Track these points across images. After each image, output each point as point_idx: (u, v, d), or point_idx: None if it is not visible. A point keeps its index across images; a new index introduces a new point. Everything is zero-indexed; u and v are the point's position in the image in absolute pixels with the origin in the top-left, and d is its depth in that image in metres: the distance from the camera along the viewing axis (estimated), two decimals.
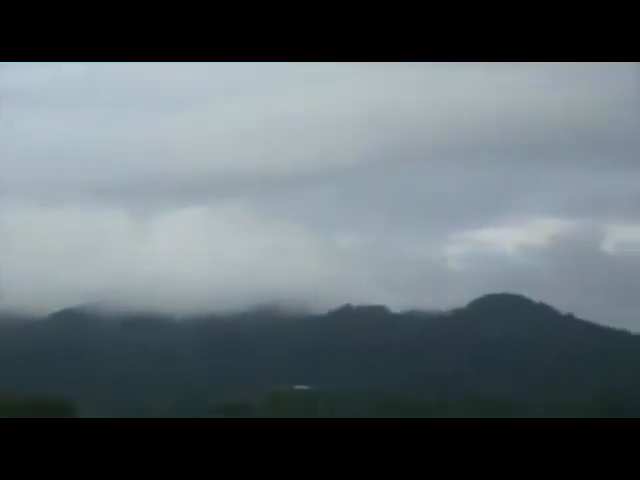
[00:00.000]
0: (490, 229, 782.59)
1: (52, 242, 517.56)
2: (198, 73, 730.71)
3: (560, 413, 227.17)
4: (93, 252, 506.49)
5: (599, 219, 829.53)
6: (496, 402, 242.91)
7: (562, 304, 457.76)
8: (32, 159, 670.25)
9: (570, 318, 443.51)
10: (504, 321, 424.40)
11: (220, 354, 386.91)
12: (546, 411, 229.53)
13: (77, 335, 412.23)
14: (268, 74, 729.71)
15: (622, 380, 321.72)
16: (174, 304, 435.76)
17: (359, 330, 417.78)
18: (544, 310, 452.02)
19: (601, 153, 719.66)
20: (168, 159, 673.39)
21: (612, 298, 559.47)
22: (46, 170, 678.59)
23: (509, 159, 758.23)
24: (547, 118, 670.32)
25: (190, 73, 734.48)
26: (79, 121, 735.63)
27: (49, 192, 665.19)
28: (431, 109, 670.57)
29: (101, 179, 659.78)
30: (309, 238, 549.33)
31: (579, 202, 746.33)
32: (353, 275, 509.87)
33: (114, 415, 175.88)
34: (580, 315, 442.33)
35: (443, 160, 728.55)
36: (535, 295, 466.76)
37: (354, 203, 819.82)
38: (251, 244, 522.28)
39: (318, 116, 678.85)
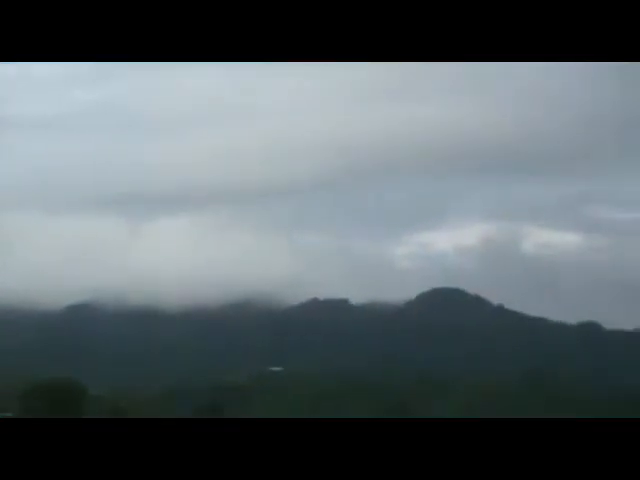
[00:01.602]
0: (430, 232, 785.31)
1: (60, 245, 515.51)
2: (180, 102, 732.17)
3: (492, 387, 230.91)
4: (95, 254, 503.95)
5: (519, 223, 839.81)
6: (443, 380, 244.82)
7: (493, 296, 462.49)
8: (45, 175, 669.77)
9: (501, 308, 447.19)
10: (446, 311, 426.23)
11: (205, 341, 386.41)
12: (480, 385, 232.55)
13: (83, 326, 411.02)
14: (244, 103, 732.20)
15: (543, 359, 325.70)
16: (165, 299, 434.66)
17: (325, 320, 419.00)
18: (479, 301, 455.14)
19: (519, 167, 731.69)
20: (159, 175, 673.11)
21: (533, 290, 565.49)
22: (55, 185, 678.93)
23: (443, 174, 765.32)
24: (473, 139, 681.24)
25: (173, 102, 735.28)
26: (84, 143, 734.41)
27: (57, 203, 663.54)
28: (376, 134, 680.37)
29: (103, 192, 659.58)
30: (279, 241, 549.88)
31: (502, 209, 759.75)
32: (319, 273, 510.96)
33: (118, 394, 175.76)
34: (508, 305, 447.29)
35: (389, 175, 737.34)
36: (470, 288, 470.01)
37: (317, 212, 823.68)
38: (230, 247, 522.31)
39: (286, 139, 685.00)
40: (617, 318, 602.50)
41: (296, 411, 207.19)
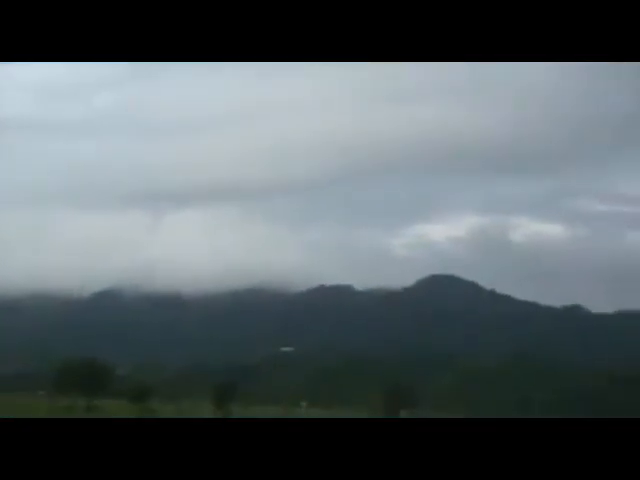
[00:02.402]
0: (426, 224, 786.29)
1: (87, 238, 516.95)
2: (196, 104, 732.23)
3: (485, 364, 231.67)
4: (119, 245, 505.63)
5: (507, 215, 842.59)
6: (440, 358, 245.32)
7: (485, 281, 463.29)
8: (76, 174, 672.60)
9: (493, 293, 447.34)
10: (442, 295, 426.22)
11: (221, 325, 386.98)
12: (474, 363, 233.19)
13: (109, 311, 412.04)
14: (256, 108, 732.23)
15: (533, 337, 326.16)
16: (183, 286, 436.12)
17: (331, 304, 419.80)
18: (472, 287, 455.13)
19: (507, 165, 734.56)
20: (176, 173, 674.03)
21: (521, 276, 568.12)
22: (83, 183, 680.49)
23: (437, 172, 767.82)
24: (464, 139, 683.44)
25: (189, 104, 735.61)
26: (107, 144, 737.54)
27: (84, 199, 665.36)
28: (376, 135, 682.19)
29: (125, 189, 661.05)
30: (288, 233, 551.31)
31: (491, 203, 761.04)
32: (325, 261, 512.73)
33: (140, 374, 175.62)
34: (500, 290, 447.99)
35: (388, 173, 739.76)
36: (464, 274, 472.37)
37: (322, 207, 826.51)
38: (243, 239, 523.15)
39: (292, 139, 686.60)
40: (599, 301, 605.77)
41: (305, 387, 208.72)
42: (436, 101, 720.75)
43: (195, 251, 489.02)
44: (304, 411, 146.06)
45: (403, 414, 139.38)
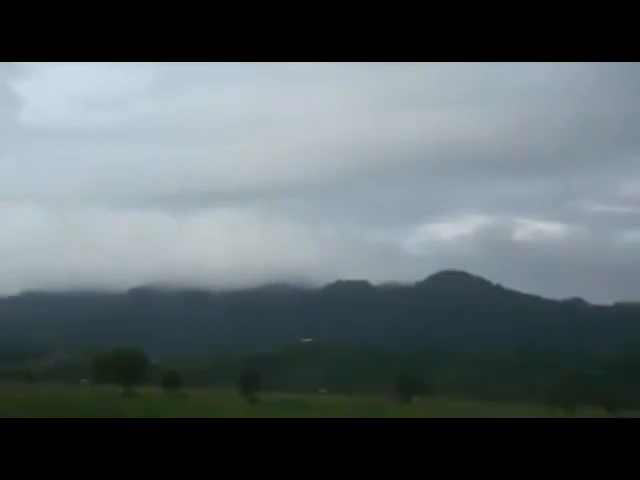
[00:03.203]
0: (436, 224, 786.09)
1: (124, 236, 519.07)
2: (222, 111, 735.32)
3: (491, 354, 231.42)
4: (153, 243, 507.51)
5: (511, 215, 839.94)
6: (451, 348, 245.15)
7: (492, 277, 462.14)
8: (111, 178, 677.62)
9: (499, 287, 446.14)
10: (452, 290, 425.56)
11: (245, 317, 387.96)
12: (482, 353, 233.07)
13: (143, 305, 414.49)
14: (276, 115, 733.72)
15: (536, 328, 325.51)
16: (210, 281, 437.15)
17: (348, 298, 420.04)
18: (480, 281, 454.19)
19: (510, 167, 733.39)
20: (203, 175, 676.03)
21: (526, 271, 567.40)
22: (118, 185, 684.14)
23: (445, 174, 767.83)
24: (471, 144, 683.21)
25: (215, 111, 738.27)
26: (144, 149, 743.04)
27: (119, 200, 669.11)
28: (388, 140, 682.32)
29: (156, 190, 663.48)
30: (308, 231, 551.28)
31: (496, 203, 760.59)
32: (342, 258, 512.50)
33: (172, 364, 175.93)
34: (505, 284, 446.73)
35: (398, 177, 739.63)
36: (472, 270, 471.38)
37: (340, 207, 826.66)
38: (266, 236, 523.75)
39: (309, 145, 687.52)
40: (598, 294, 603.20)
41: (324, 375, 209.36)
42: (445, 106, 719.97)
43: (220, 250, 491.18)
44: (323, 397, 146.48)
45: (415, 400, 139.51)
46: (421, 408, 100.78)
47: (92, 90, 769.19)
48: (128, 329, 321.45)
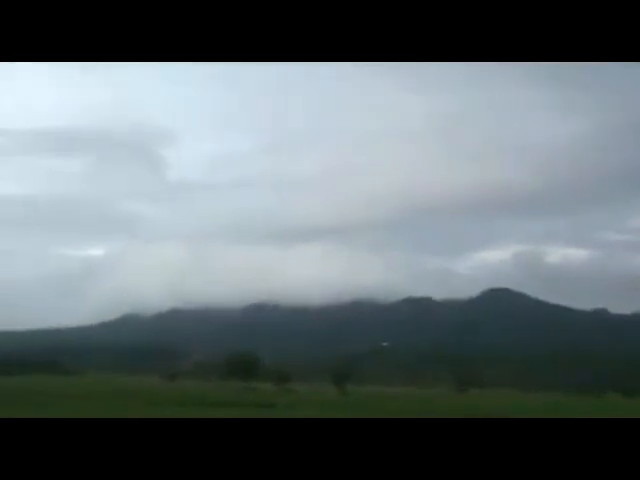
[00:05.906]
0: (483, 251, 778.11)
1: (237, 265, 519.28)
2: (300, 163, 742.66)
3: (533, 358, 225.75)
4: (265, 269, 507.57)
5: (542, 244, 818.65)
6: (499, 354, 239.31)
7: (531, 292, 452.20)
8: (232, 218, 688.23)
9: (537, 300, 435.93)
10: (498, 304, 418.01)
11: (335, 327, 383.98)
12: (526, 357, 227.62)
13: (257, 318, 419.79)
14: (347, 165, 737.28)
15: (569, 334, 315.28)
16: (308, 300, 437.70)
17: (414, 312, 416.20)
18: (521, 296, 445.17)
19: (540, 206, 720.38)
20: (303, 215, 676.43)
21: (558, 288, 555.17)
22: (238, 223, 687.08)
23: (487, 213, 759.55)
24: (507, 190, 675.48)
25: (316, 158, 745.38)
26: (260, 194, 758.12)
27: (241, 236, 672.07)
28: (435, 184, 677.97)
29: (267, 227, 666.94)
30: (378, 259, 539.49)
31: (531, 234, 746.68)
32: (409, 279, 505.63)
33: (280, 365, 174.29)
34: (542, 298, 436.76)
35: (451, 215, 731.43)
36: (515, 287, 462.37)
37: (404, 239, 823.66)
38: (346, 263, 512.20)
39: (378, 191, 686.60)
40: (619, 305, 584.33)
41: (399, 371, 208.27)
42: (485, 157, 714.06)
43: (316, 274, 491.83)
44: (398, 389, 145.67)
45: (472, 391, 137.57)
46: (475, 397, 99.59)
47: (224, 152, 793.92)
48: (246, 336, 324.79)
